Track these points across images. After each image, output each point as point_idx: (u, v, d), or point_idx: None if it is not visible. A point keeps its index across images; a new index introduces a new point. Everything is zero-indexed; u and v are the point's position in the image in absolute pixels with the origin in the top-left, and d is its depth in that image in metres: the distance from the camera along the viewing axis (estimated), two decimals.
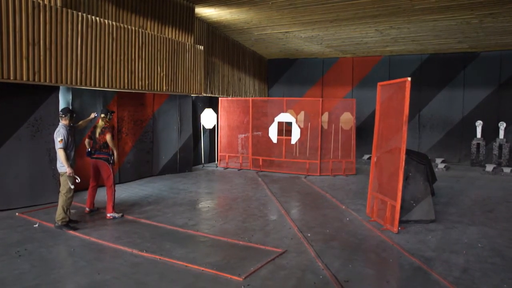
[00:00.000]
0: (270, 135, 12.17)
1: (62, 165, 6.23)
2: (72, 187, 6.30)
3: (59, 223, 6.23)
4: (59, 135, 6.23)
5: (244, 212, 7.55)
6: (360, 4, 9.44)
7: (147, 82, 9.32)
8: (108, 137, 6.92)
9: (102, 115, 7.11)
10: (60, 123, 6.39)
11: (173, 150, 11.50)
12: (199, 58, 11.04)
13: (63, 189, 6.28)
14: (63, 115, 6.38)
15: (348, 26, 11.42)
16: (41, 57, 6.98)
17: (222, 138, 13.21)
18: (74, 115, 6.54)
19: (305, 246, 5.69)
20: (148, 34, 9.29)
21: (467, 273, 4.82)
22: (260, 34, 13.13)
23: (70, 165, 6.25)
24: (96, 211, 7.41)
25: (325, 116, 11.95)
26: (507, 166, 12.51)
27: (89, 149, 7.05)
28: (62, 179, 6.34)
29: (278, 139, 12.11)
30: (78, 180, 6.38)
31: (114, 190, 7.04)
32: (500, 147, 12.83)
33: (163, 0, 9.91)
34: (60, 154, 6.18)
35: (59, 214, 6.25)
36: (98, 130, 7.02)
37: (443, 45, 13.14)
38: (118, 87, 8.61)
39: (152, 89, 9.53)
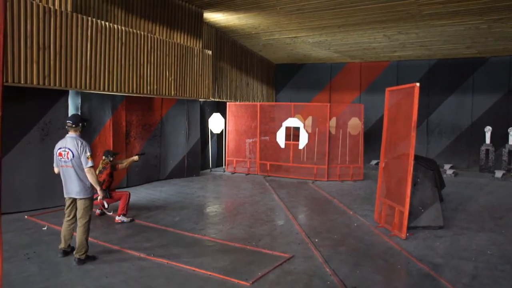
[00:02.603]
0: (277, 140, 12.17)
1: (87, 189, 5.14)
2: (107, 206, 6.01)
3: (83, 257, 5.10)
4: (86, 149, 5.05)
5: (251, 216, 7.54)
6: (368, 10, 9.44)
7: (155, 86, 9.38)
8: (108, 171, 7.16)
9: (103, 157, 7.30)
10: (71, 135, 5.14)
11: (181, 155, 11.54)
12: (207, 63, 11.09)
13: (85, 217, 5.15)
14: (74, 125, 5.11)
15: (356, 31, 11.42)
16: (51, 62, 7.06)
17: (229, 143, 13.23)
18: (86, 123, 5.34)
19: (312, 251, 5.67)
20: (157, 39, 9.36)
21: (476, 280, 4.77)
22: (268, 39, 13.16)
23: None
24: (104, 215, 7.46)
25: (333, 121, 11.93)
26: None
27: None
28: (83, 205, 5.15)
29: (285, 144, 12.11)
30: (106, 205, 6.09)
31: (129, 197, 7.19)
32: (510, 153, 12.71)
33: (172, 5, 9.99)
34: (91, 175, 5.07)
35: (82, 247, 5.11)
36: (96, 171, 7.20)
37: (452, 51, 13.08)
38: (126, 91, 8.67)
39: (161, 93, 9.59)
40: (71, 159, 5.03)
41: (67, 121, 5.20)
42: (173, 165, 11.38)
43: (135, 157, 7.67)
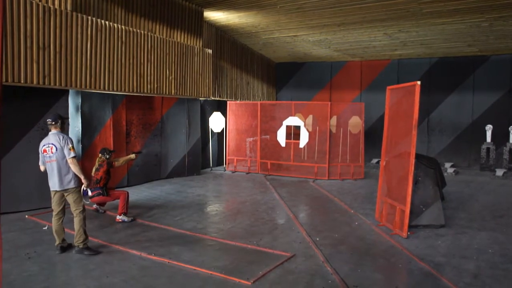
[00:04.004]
0: (278, 138, 12.16)
1: (70, 180, 5.39)
2: (91, 194, 6.34)
3: (81, 246, 5.35)
4: (68, 142, 5.33)
5: (252, 215, 7.53)
6: (368, 8, 9.41)
7: (156, 85, 9.36)
8: (104, 168, 7.15)
9: (100, 155, 7.34)
10: (53, 132, 5.40)
11: (181, 154, 11.53)
12: (207, 61, 11.07)
13: (78, 208, 5.43)
14: (53, 122, 5.37)
15: (357, 29, 11.39)
16: (51, 61, 7.04)
17: (230, 142, 13.22)
18: (65, 121, 5.62)
19: (313, 250, 5.66)
20: (157, 37, 9.34)
21: (478, 279, 4.76)
22: (268, 38, 13.14)
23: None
24: (104, 213, 7.46)
25: (334, 120, 11.92)
26: None
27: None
28: (72, 197, 5.44)
29: (286, 143, 12.09)
30: (90, 193, 6.49)
31: (127, 196, 7.14)
32: (511, 151, 12.68)
33: (172, 4, 9.96)
34: (74, 165, 5.31)
35: (79, 236, 5.36)
36: (93, 169, 7.33)
37: (452, 49, 13.05)
38: (127, 90, 8.65)
39: (161, 92, 9.57)
40: (55, 153, 5.32)
41: (47, 120, 5.47)
42: (173, 164, 11.37)
43: (132, 155, 7.67)
